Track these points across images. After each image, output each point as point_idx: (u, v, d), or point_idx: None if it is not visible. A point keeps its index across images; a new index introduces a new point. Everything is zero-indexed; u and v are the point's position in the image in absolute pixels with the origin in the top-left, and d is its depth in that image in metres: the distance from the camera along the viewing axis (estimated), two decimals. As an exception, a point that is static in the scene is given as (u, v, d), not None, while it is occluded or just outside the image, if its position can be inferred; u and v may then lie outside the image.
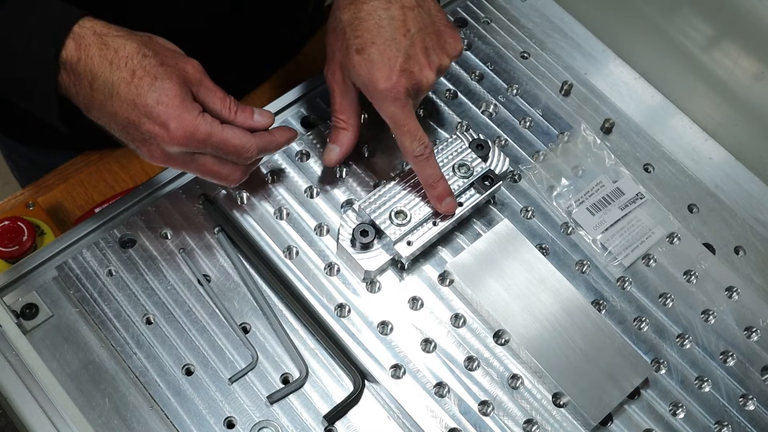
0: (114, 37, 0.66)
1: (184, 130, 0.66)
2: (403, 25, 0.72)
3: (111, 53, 0.65)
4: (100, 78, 0.65)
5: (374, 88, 0.71)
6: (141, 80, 0.65)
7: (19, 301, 0.73)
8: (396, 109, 0.72)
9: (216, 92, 0.69)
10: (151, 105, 0.65)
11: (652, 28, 0.92)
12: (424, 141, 0.73)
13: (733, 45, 0.86)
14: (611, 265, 0.80)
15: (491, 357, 0.74)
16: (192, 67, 0.68)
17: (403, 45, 0.72)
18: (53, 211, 0.91)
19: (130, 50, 0.65)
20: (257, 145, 0.70)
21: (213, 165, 0.70)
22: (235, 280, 0.76)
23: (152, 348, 0.72)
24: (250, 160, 0.71)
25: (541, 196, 0.83)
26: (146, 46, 0.66)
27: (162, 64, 0.66)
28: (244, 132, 0.70)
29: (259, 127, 0.72)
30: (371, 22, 0.72)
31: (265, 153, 0.72)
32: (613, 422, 0.73)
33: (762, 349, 0.78)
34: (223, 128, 0.68)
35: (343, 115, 0.76)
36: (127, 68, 0.65)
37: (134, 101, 0.65)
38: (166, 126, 0.65)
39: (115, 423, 0.69)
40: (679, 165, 0.88)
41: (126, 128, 0.66)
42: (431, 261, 0.78)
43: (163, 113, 0.65)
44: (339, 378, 0.73)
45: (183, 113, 0.66)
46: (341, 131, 0.76)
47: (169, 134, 0.65)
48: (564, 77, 0.91)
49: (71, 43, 0.65)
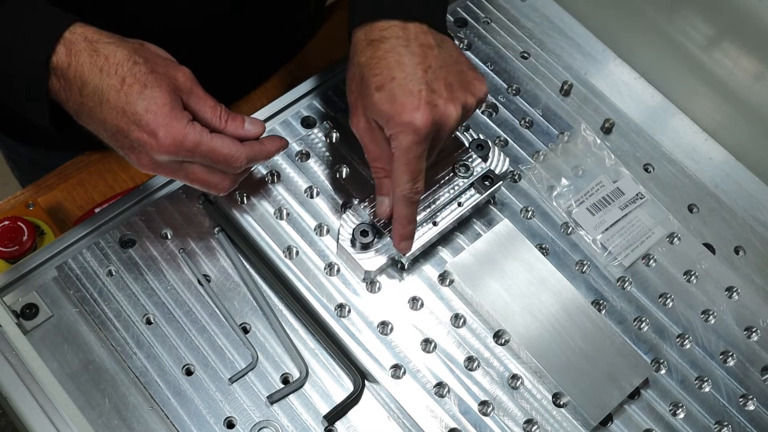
0: (105, 44, 0.65)
1: (172, 138, 0.65)
2: (423, 61, 0.68)
3: (101, 60, 0.65)
4: (90, 85, 0.65)
5: (398, 120, 0.67)
6: (131, 88, 0.64)
7: (19, 301, 0.73)
8: (412, 143, 0.67)
9: (207, 101, 0.69)
10: (140, 113, 0.64)
11: (652, 28, 0.92)
12: (420, 188, 0.70)
13: (733, 45, 0.86)
14: (611, 265, 0.80)
15: (491, 357, 0.74)
16: (183, 75, 0.68)
17: (425, 79, 0.67)
18: (53, 211, 0.91)
19: (121, 57, 0.65)
20: (246, 155, 0.69)
21: (202, 174, 0.69)
22: (235, 280, 0.76)
23: (152, 348, 0.72)
24: (238, 170, 0.70)
25: (541, 196, 0.83)
26: (137, 54, 0.66)
27: (152, 72, 0.66)
28: (234, 141, 0.69)
29: (250, 136, 0.71)
30: (391, 59, 0.68)
31: (255, 162, 0.71)
32: (613, 422, 0.74)
33: (762, 349, 0.78)
34: (212, 137, 0.67)
35: (379, 163, 0.71)
36: (117, 75, 0.65)
37: (123, 109, 0.64)
38: (155, 134, 0.65)
39: (115, 423, 0.69)
40: (679, 165, 0.88)
41: (115, 135, 0.66)
42: (431, 261, 0.78)
43: (152, 121, 0.64)
44: (339, 378, 0.73)
45: (172, 122, 0.65)
46: (384, 180, 0.72)
47: (158, 142, 0.65)
48: (564, 77, 0.91)
49: (62, 49, 0.64)
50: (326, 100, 0.85)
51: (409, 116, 0.66)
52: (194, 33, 0.91)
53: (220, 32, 0.94)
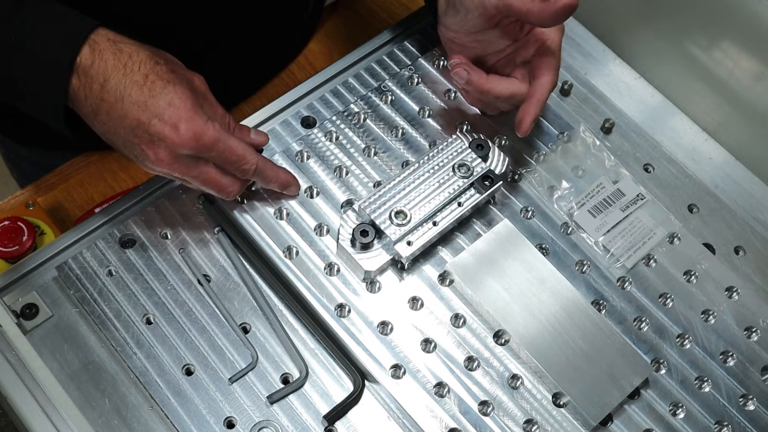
0: (127, 44, 0.68)
1: (193, 132, 0.67)
2: None
3: (125, 57, 0.67)
4: (112, 80, 0.66)
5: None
6: (154, 83, 0.67)
7: (19, 301, 0.73)
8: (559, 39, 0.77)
9: (217, 108, 0.72)
10: (162, 106, 0.66)
11: (652, 28, 0.92)
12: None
13: (733, 45, 0.86)
14: (613, 267, 0.80)
15: (491, 357, 0.74)
16: (198, 80, 0.71)
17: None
18: (53, 211, 0.92)
19: (143, 56, 0.68)
20: (258, 161, 0.72)
21: (215, 174, 0.71)
22: (235, 280, 0.76)
23: (152, 348, 0.72)
24: (248, 174, 0.73)
25: (540, 196, 0.83)
26: (157, 55, 0.69)
27: (173, 71, 0.69)
28: (247, 145, 0.72)
29: (255, 145, 0.75)
30: None
31: (262, 175, 0.74)
32: (613, 422, 0.74)
33: (762, 349, 0.78)
34: (228, 136, 0.70)
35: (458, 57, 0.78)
36: (141, 72, 0.67)
37: (146, 102, 0.66)
38: (176, 127, 0.67)
39: (115, 423, 0.69)
40: (679, 165, 0.88)
41: (134, 130, 0.67)
42: (431, 261, 0.78)
43: (174, 115, 0.66)
44: (339, 378, 0.73)
45: (193, 116, 0.67)
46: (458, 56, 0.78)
47: (179, 136, 0.67)
48: (564, 77, 0.91)
49: (86, 48, 0.67)
50: (326, 100, 0.85)
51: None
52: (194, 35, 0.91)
53: (219, 34, 0.94)
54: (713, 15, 0.86)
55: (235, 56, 0.98)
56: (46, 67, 0.66)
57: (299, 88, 0.87)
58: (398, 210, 0.75)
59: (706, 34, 0.88)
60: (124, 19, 0.76)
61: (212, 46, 0.94)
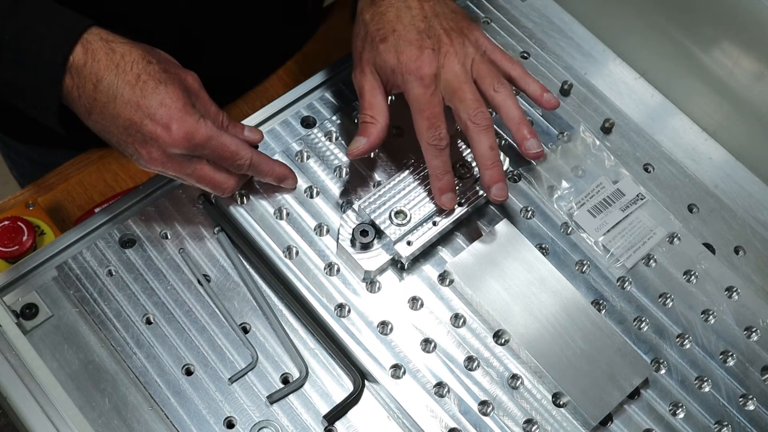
0: (120, 44, 0.68)
1: (185, 131, 0.67)
2: (420, 12, 0.74)
3: (117, 57, 0.67)
4: (105, 80, 0.67)
5: (403, 68, 0.72)
6: (146, 83, 0.67)
7: (19, 301, 0.73)
8: (421, 90, 0.72)
9: (211, 106, 0.72)
10: (154, 106, 0.66)
11: (652, 28, 0.92)
12: (441, 132, 0.72)
13: (733, 45, 0.86)
14: (613, 267, 0.80)
15: (491, 357, 0.74)
16: (192, 78, 0.71)
17: (423, 28, 0.73)
18: (53, 211, 0.92)
19: (136, 56, 0.68)
20: (252, 157, 0.72)
21: (209, 171, 0.71)
22: (235, 280, 0.76)
23: (152, 348, 0.72)
24: (242, 169, 0.73)
25: (540, 196, 0.83)
26: (150, 54, 0.69)
27: (165, 71, 0.68)
28: (241, 141, 0.72)
29: (249, 142, 0.74)
30: (390, 14, 0.74)
31: (257, 169, 0.74)
32: (613, 422, 0.74)
33: (762, 349, 0.78)
34: (221, 133, 0.70)
35: (371, 111, 0.75)
36: (133, 72, 0.67)
37: (138, 102, 0.66)
38: (168, 127, 0.67)
39: (115, 423, 0.69)
40: (679, 165, 0.88)
41: (127, 130, 0.67)
42: (431, 261, 0.78)
43: (166, 115, 0.67)
44: (339, 378, 0.73)
45: (185, 116, 0.67)
46: (369, 125, 0.75)
47: (171, 136, 0.67)
48: (564, 77, 0.91)
49: (79, 48, 0.67)
50: (326, 100, 0.85)
51: (413, 64, 0.71)
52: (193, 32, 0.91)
53: (219, 32, 0.94)
54: (713, 15, 0.86)
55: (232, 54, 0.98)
56: (40, 67, 0.67)
57: (299, 88, 0.87)
58: (398, 210, 0.75)
59: (706, 34, 0.88)
60: (120, 17, 0.76)
61: (209, 44, 0.94)
